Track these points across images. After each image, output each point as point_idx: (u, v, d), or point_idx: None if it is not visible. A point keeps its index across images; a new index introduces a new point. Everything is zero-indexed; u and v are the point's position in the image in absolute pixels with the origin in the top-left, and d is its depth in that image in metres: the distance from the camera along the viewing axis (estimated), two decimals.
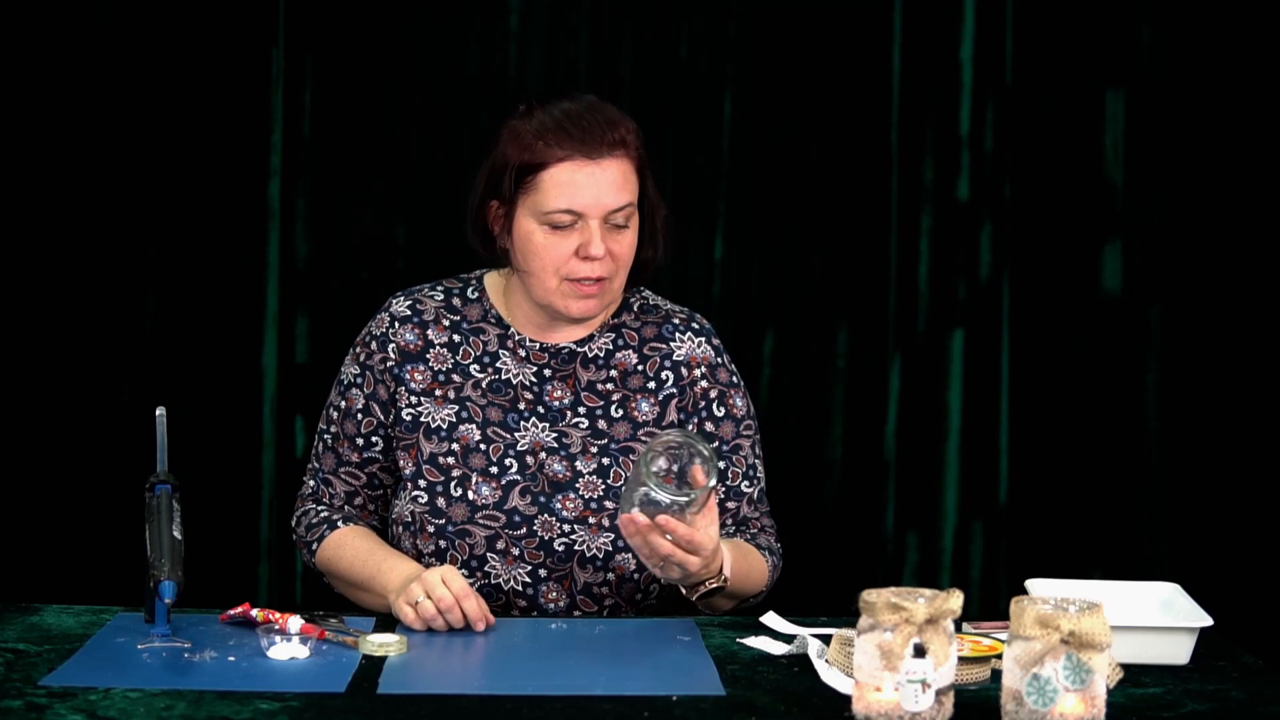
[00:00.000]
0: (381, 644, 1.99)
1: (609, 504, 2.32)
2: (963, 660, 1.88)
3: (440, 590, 2.09)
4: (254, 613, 2.09)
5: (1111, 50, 3.07)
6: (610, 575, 2.31)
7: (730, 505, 2.39)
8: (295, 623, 2.04)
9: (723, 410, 2.39)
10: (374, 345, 2.39)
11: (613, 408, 2.37)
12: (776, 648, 2.06)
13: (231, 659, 1.96)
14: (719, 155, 3.08)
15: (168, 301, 3.03)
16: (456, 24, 3.04)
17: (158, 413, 2.09)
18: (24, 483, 3.01)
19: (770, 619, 2.18)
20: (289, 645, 1.98)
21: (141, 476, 2.09)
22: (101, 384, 3.02)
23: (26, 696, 1.81)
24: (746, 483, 2.40)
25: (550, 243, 2.28)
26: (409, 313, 2.40)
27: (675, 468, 2.06)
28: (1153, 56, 3.07)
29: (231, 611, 2.12)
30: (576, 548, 2.29)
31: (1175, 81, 3.07)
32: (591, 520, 2.31)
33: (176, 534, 2.02)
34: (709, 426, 2.38)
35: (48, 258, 3.01)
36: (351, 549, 2.32)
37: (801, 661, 1.99)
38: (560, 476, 2.32)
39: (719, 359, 2.42)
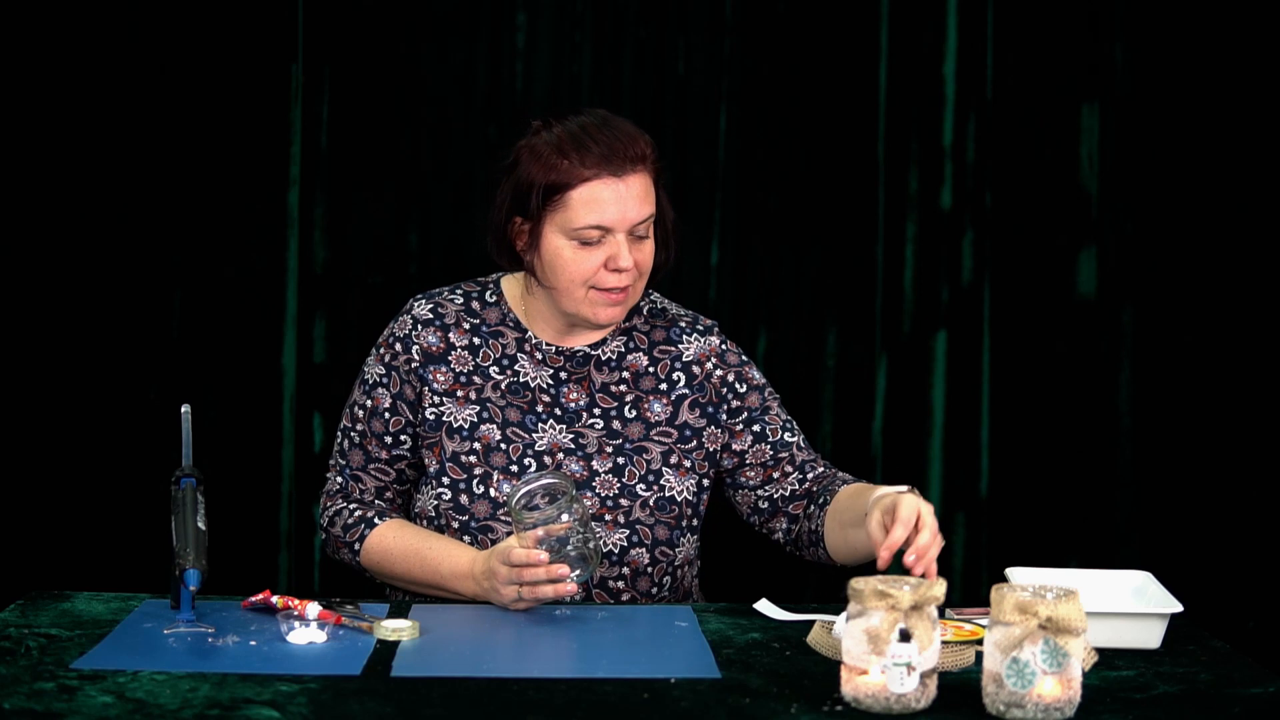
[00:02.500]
0: (395, 629, 1.99)
1: (624, 501, 2.32)
2: (946, 644, 1.88)
3: (529, 574, 2.07)
4: (274, 599, 2.09)
5: (1087, 67, 3.07)
6: (625, 570, 2.31)
7: (783, 455, 2.39)
8: (313, 609, 2.04)
9: (744, 385, 2.41)
10: (398, 346, 2.38)
11: (626, 408, 2.37)
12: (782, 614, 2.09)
13: (253, 643, 1.96)
14: (715, 165, 3.08)
15: (193, 305, 3.03)
16: (466, 42, 3.04)
17: (183, 410, 2.09)
18: (57, 476, 3.01)
19: (763, 605, 2.18)
20: (307, 630, 1.98)
21: (168, 470, 2.09)
22: (130, 383, 3.02)
23: (59, 679, 1.81)
24: (789, 434, 2.41)
25: (579, 257, 2.28)
26: (431, 315, 2.39)
27: (540, 501, 2.10)
28: (1126, 72, 3.07)
29: (253, 598, 2.12)
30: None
31: (1147, 96, 3.07)
32: (608, 517, 2.31)
33: (201, 525, 2.02)
34: (735, 403, 2.39)
35: (80, 264, 3.01)
36: (400, 548, 2.30)
37: (793, 645, 1.99)
38: (577, 476, 2.32)
39: (724, 346, 2.43)
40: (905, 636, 1.72)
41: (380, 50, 3.04)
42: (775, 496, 2.39)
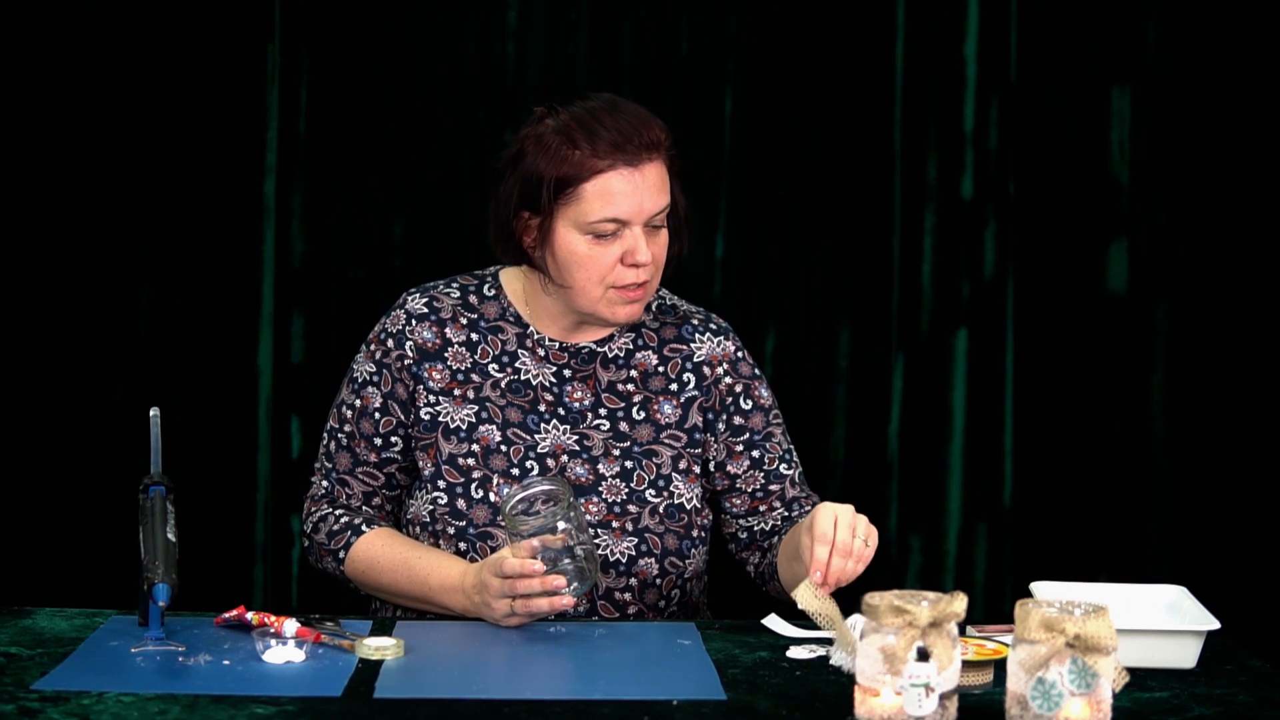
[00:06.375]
0: (378, 647, 1.99)
1: (632, 508, 2.32)
2: (966, 664, 1.88)
3: (523, 586, 2.07)
4: (249, 616, 2.09)
5: (1117, 46, 3.07)
6: (633, 580, 2.31)
7: (774, 488, 2.40)
8: (291, 626, 2.04)
9: (750, 403, 2.41)
10: (390, 343, 2.38)
11: (634, 409, 2.37)
12: (795, 631, 2.10)
13: (226, 663, 1.96)
14: (719, 153, 3.08)
15: (162, 301, 3.03)
16: (454, 20, 3.04)
17: (152, 413, 2.09)
18: (17, 484, 3.01)
19: (772, 621, 2.18)
20: (284, 649, 1.98)
21: (135, 478, 2.09)
22: (95, 384, 3.02)
23: (19, 700, 1.81)
24: (785, 465, 2.41)
25: (595, 253, 2.28)
26: (426, 310, 2.39)
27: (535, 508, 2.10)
28: (1159, 53, 3.07)
29: (226, 615, 2.12)
30: (599, 552, 2.28)
31: (1182, 78, 3.07)
32: (615, 524, 2.31)
33: (171, 536, 2.02)
34: (738, 420, 2.39)
35: (40, 257, 3.01)
36: (388, 557, 2.30)
37: (803, 665, 2.00)
38: (583, 480, 2.32)
39: (739, 354, 2.43)
40: (923, 655, 1.72)
41: (362, 29, 3.04)
42: (755, 529, 2.42)
